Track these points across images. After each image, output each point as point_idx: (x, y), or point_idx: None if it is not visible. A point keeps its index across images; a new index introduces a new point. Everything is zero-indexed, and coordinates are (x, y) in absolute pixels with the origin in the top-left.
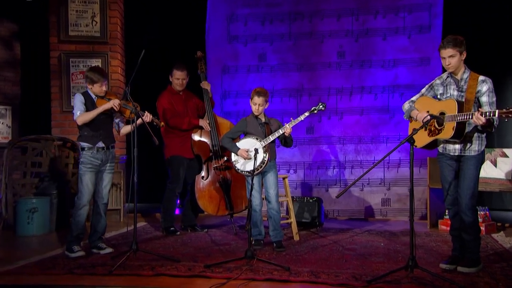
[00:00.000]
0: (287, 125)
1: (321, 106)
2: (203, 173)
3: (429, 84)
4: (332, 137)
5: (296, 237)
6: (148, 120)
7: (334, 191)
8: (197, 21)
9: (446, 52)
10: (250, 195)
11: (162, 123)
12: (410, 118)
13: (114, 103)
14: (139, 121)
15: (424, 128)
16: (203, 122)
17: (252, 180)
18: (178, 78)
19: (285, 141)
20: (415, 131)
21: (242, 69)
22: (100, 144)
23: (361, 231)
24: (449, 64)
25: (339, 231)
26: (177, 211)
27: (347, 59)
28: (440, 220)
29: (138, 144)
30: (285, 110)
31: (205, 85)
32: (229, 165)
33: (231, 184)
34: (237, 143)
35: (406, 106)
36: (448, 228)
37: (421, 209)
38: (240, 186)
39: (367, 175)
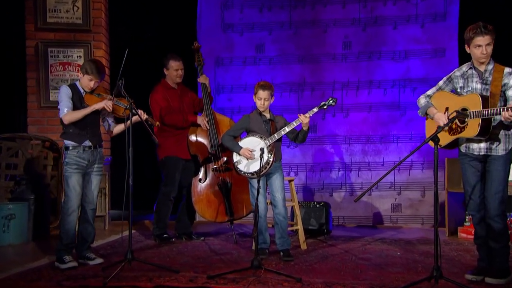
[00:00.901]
0: (302, 116)
1: (331, 101)
2: (200, 175)
3: (447, 76)
4: (337, 136)
5: (304, 246)
6: (144, 118)
7: (339, 196)
8: (188, 6)
9: (485, 40)
10: (257, 199)
11: (157, 123)
12: (426, 115)
13: (107, 104)
14: (135, 118)
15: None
16: (201, 120)
17: (258, 182)
18: (177, 69)
19: (297, 136)
20: (440, 128)
21: (238, 61)
22: (87, 143)
23: (373, 240)
24: (485, 53)
25: (349, 239)
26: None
27: (354, 50)
28: (460, 227)
29: (120, 144)
30: (285, 106)
31: (203, 79)
32: (229, 167)
33: (231, 188)
34: (239, 142)
35: (421, 101)
36: (469, 236)
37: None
38: (241, 189)
39: (375, 178)
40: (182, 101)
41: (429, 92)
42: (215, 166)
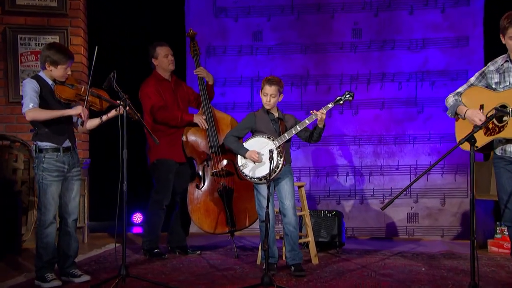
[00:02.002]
0: (317, 112)
1: (348, 96)
2: (197, 181)
3: (480, 71)
4: (345, 137)
5: (315, 260)
6: (120, 112)
7: (347, 204)
8: None
9: None
10: (267, 206)
11: (137, 116)
12: (457, 115)
13: (83, 113)
14: (112, 113)
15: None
16: (198, 118)
17: (268, 188)
18: (167, 54)
19: (312, 134)
20: (477, 128)
21: (232, 51)
22: (67, 143)
23: (391, 254)
24: None
25: (364, 253)
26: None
27: (364, 38)
28: (490, 240)
29: (98, 145)
30: (286, 103)
31: (201, 71)
32: (231, 171)
33: (233, 195)
34: (244, 144)
35: (450, 100)
36: (502, 250)
37: (456, 226)
38: (244, 197)
39: (389, 184)
40: (176, 96)
41: (459, 90)
42: (214, 170)
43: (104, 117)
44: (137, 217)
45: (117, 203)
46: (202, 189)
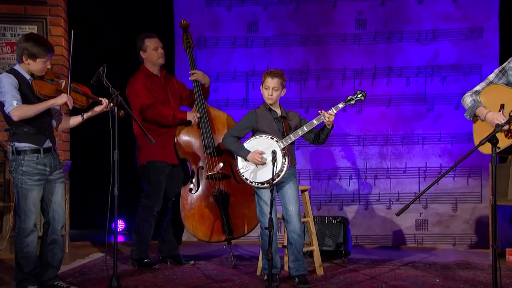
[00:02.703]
0: (326, 113)
1: (360, 95)
2: (191, 185)
3: (500, 68)
4: (348, 136)
5: (320, 271)
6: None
7: (351, 210)
8: None
9: None
10: (271, 212)
11: (122, 112)
12: (475, 117)
13: (69, 101)
14: (97, 110)
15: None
16: (192, 116)
17: (272, 192)
18: (157, 47)
19: (318, 136)
20: (499, 127)
21: (225, 42)
22: (47, 144)
23: (401, 263)
24: None
25: (372, 262)
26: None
27: (369, 29)
28: (508, 249)
29: (76, 145)
30: (284, 99)
31: (196, 75)
32: (227, 173)
33: (229, 199)
34: (245, 145)
35: (467, 100)
36: None
37: (470, 234)
38: (242, 201)
39: (395, 187)
40: (167, 92)
41: (477, 88)
42: (209, 173)
43: (86, 115)
44: (120, 225)
45: (101, 209)
46: (196, 193)
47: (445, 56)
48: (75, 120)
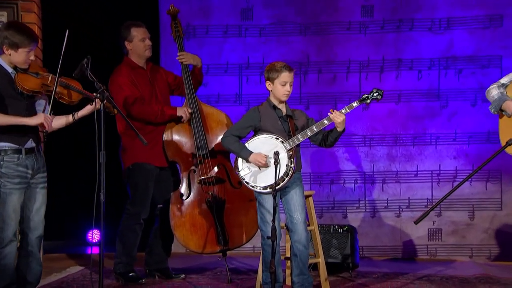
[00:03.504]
0: (336, 113)
1: (376, 94)
2: (182, 190)
3: None
4: (353, 136)
5: (326, 286)
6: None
7: (356, 218)
8: None
9: None
10: (273, 220)
11: (115, 111)
12: (501, 111)
13: (46, 122)
14: (88, 109)
15: None
16: (183, 112)
17: (274, 199)
18: (144, 38)
19: (327, 138)
20: None
21: (216, 31)
22: (30, 144)
23: (415, 277)
24: None
25: (383, 276)
26: None
27: (377, 17)
28: None
29: (46, 145)
30: None
31: (184, 57)
32: (222, 177)
33: (225, 206)
34: (247, 145)
35: (493, 92)
36: None
37: (489, 245)
38: (239, 208)
39: (406, 193)
40: (154, 86)
41: (503, 81)
42: (202, 177)
43: (78, 114)
44: (94, 235)
45: (77, 217)
46: (188, 199)
47: (461, 47)
48: (60, 121)
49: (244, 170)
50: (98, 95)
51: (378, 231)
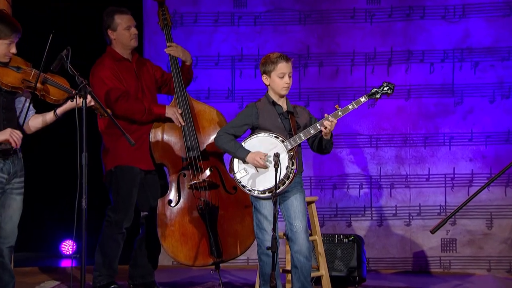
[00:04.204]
0: (329, 116)
1: (386, 88)
2: (170, 195)
3: None
4: (357, 136)
5: None
6: (88, 104)
7: (361, 227)
8: None
9: None
10: (274, 229)
11: (108, 110)
12: None
13: (14, 137)
14: (68, 105)
15: None
16: (172, 110)
17: (274, 205)
18: (129, 26)
19: (321, 143)
20: None
21: (206, 20)
22: (5, 145)
23: None
24: None
25: None
26: None
27: (384, 4)
28: None
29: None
30: None
31: (174, 49)
32: (215, 182)
33: (218, 213)
34: (243, 144)
35: None
36: None
37: (509, 257)
38: (233, 216)
39: (416, 199)
40: (141, 80)
41: None
42: (193, 181)
43: (60, 110)
44: (68, 246)
45: (49, 227)
46: (177, 206)
47: (478, 37)
48: (48, 117)
49: (241, 172)
50: (79, 91)
51: (386, 241)
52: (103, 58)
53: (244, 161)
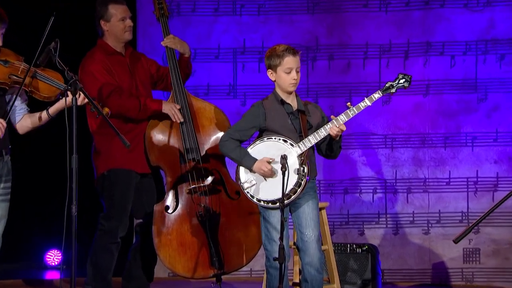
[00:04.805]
0: (337, 118)
1: (402, 80)
2: (168, 201)
3: None
4: (371, 136)
5: None
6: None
7: (375, 235)
8: None
9: None
10: (281, 238)
11: (107, 110)
12: None
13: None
14: (60, 104)
15: None
16: (170, 106)
17: (282, 212)
18: (124, 17)
19: (331, 146)
20: None
21: (205, 9)
22: None
23: None
24: None
25: None
26: None
27: None
28: None
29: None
30: None
31: (172, 41)
32: (217, 187)
33: (219, 221)
34: (249, 150)
35: None
36: None
37: None
38: (236, 224)
39: (436, 205)
40: (134, 76)
41: None
42: (192, 186)
43: (51, 110)
44: (53, 257)
45: (32, 236)
46: (175, 213)
47: (504, 27)
48: (31, 120)
49: (248, 181)
50: (70, 87)
51: (402, 251)
52: (94, 52)
53: (251, 170)
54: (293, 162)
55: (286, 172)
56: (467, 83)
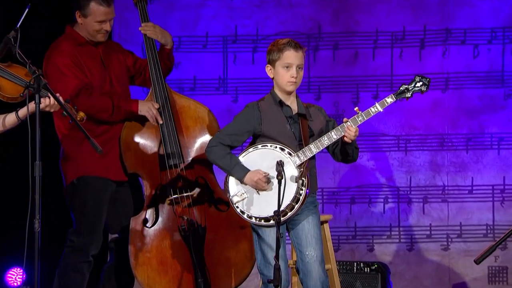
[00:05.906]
0: (348, 122)
1: (419, 84)
2: (146, 214)
3: None
4: (382, 137)
5: None
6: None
7: (387, 251)
8: None
9: None
10: (276, 256)
11: (82, 114)
12: None
13: None
14: (42, 104)
15: None
16: (147, 106)
17: (278, 229)
18: (102, 21)
19: (345, 151)
20: None
21: None
22: None
23: None
24: None
25: None
26: None
27: None
28: None
29: None
30: None
31: (151, 30)
32: (202, 197)
33: (205, 236)
34: (240, 159)
35: None
36: None
37: None
38: (225, 239)
39: (456, 216)
40: (108, 69)
41: None
42: (174, 196)
43: (21, 112)
44: (15, 275)
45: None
46: (155, 227)
47: None
48: (10, 119)
49: (238, 194)
50: (32, 83)
51: (418, 269)
52: (61, 41)
53: (242, 182)
54: (291, 173)
55: (283, 181)
56: (493, 77)
